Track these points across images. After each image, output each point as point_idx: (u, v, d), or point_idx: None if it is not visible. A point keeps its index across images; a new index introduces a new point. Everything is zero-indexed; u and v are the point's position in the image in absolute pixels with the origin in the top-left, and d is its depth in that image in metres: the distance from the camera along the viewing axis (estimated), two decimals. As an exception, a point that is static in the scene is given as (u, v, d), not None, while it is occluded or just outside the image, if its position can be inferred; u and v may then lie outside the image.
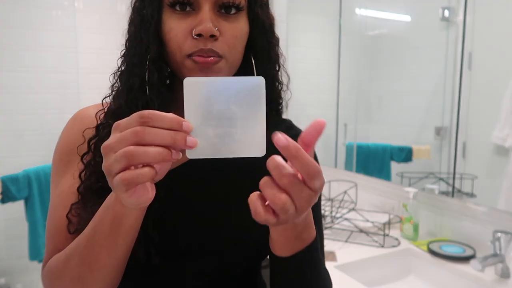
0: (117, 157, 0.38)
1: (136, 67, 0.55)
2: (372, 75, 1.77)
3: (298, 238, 0.48)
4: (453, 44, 1.31)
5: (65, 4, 2.22)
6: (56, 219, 0.58)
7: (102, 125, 0.57)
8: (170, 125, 0.38)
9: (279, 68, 0.64)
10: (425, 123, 1.51)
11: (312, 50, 2.16)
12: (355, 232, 1.43)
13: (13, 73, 2.16)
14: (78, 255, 0.51)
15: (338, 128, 1.91)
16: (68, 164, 0.59)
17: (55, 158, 0.61)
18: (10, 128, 2.15)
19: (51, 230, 0.59)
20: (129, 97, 0.55)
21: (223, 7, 0.54)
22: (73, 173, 0.58)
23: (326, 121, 0.38)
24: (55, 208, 0.59)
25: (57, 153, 0.61)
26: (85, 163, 0.56)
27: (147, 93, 0.54)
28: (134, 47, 0.57)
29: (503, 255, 1.06)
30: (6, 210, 2.18)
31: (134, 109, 0.51)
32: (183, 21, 0.53)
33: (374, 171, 1.71)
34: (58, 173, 0.60)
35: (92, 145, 0.56)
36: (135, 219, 0.47)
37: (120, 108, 0.56)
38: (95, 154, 0.56)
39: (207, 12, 0.52)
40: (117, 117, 0.53)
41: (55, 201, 0.59)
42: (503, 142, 1.19)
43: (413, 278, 1.29)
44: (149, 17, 0.54)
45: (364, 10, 1.76)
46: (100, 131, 0.56)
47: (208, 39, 0.52)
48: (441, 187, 1.40)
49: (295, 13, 2.18)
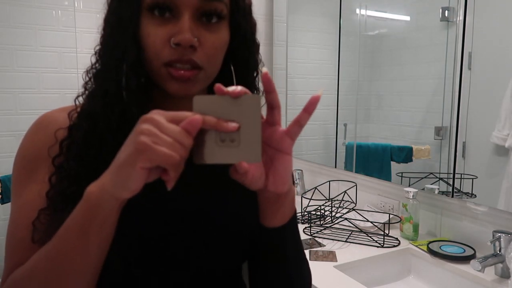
0: (165, 137, 0.39)
1: (112, 71, 0.53)
2: (372, 75, 1.77)
3: (287, 208, 0.55)
4: (453, 44, 1.31)
5: (65, 4, 2.22)
6: (21, 230, 0.53)
7: (75, 127, 0.54)
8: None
9: (257, 74, 0.63)
10: (425, 123, 1.51)
11: (312, 50, 2.15)
12: (355, 232, 1.43)
13: (13, 73, 2.16)
14: (46, 258, 0.47)
15: (338, 128, 1.91)
16: (34, 171, 0.55)
17: (17, 166, 0.57)
18: (10, 128, 2.15)
19: (13, 243, 0.54)
20: (104, 101, 0.53)
21: (204, 15, 0.52)
22: (41, 179, 0.54)
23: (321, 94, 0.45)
24: (18, 219, 0.54)
25: (20, 161, 0.56)
26: (56, 165, 0.53)
27: (123, 99, 0.52)
28: (110, 49, 0.54)
29: (503, 255, 1.06)
30: (6, 210, 2.18)
31: (110, 114, 0.52)
32: (162, 28, 0.51)
33: (374, 171, 1.71)
34: (21, 182, 0.55)
35: (65, 147, 0.53)
36: (110, 212, 0.44)
37: (95, 112, 0.53)
38: (67, 157, 0.53)
39: (187, 20, 0.50)
40: (91, 120, 0.52)
41: (18, 212, 0.54)
42: (503, 142, 1.19)
43: (413, 278, 1.29)
44: (127, 20, 0.52)
45: (364, 10, 1.76)
46: (74, 133, 0.53)
47: (187, 49, 0.50)
48: (441, 187, 1.40)
49: (295, 13, 2.18)
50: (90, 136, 0.52)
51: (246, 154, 0.43)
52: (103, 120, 0.52)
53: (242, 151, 0.43)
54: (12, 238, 0.54)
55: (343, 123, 1.89)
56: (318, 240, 1.38)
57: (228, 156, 0.43)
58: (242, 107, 0.43)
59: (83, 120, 0.54)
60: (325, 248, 1.32)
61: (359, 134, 1.80)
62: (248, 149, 0.43)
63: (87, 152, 0.52)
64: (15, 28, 2.14)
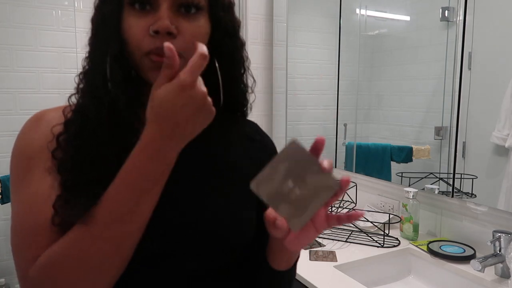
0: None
1: (98, 66, 0.56)
2: (372, 75, 1.77)
3: (295, 256, 0.63)
4: (453, 44, 1.31)
5: (65, 4, 2.22)
6: (35, 217, 0.53)
7: (70, 122, 0.57)
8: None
9: (244, 71, 0.65)
10: (425, 123, 1.51)
11: (312, 50, 2.15)
12: (355, 232, 1.43)
13: (13, 73, 2.16)
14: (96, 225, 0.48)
15: (338, 128, 1.91)
16: (36, 165, 0.56)
17: (18, 161, 0.58)
18: (10, 128, 2.15)
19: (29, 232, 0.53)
20: (93, 95, 0.56)
21: (182, 6, 0.54)
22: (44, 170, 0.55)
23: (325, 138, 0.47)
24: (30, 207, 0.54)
25: (19, 156, 0.58)
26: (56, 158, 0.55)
27: (110, 91, 0.55)
28: (96, 46, 0.57)
29: (503, 255, 1.06)
30: (6, 210, 2.18)
31: (99, 107, 0.55)
32: (142, 19, 0.53)
33: (374, 171, 1.71)
34: (25, 175, 0.56)
35: (62, 141, 0.56)
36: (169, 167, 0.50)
37: (85, 106, 0.57)
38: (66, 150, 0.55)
39: (165, 10, 0.53)
40: (83, 114, 0.56)
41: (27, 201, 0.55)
42: (503, 142, 1.19)
43: (413, 278, 1.29)
44: (109, 15, 0.55)
45: (364, 10, 1.76)
46: (69, 128, 0.57)
47: (165, 36, 0.52)
48: (441, 187, 1.40)
49: (295, 13, 2.18)
50: (84, 129, 0.56)
51: (292, 217, 0.47)
52: (94, 113, 0.55)
53: (292, 213, 0.47)
54: (26, 227, 0.53)
55: (343, 123, 1.89)
56: (318, 240, 1.38)
57: (280, 205, 0.47)
58: (320, 183, 0.46)
59: (76, 115, 0.57)
60: (325, 248, 1.32)
61: (359, 134, 1.80)
62: (297, 216, 0.47)
63: (82, 143, 0.55)
64: (15, 28, 2.14)
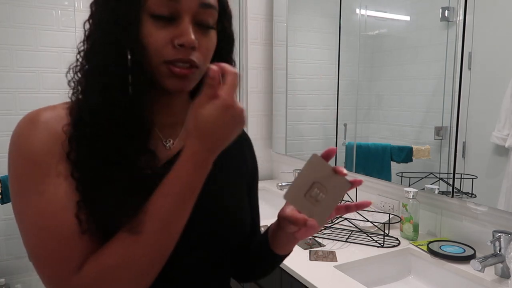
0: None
1: (111, 66, 0.54)
2: (372, 75, 1.77)
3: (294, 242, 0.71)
4: (453, 44, 1.31)
5: (65, 4, 2.22)
6: (61, 227, 0.51)
7: (81, 122, 0.55)
8: None
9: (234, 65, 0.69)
10: (425, 123, 1.50)
11: (312, 50, 2.15)
12: (355, 232, 1.43)
13: (13, 73, 2.16)
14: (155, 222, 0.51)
15: (338, 128, 1.91)
16: (47, 169, 0.53)
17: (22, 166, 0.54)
18: (10, 128, 2.14)
19: (59, 242, 0.51)
20: (105, 95, 0.54)
21: (199, 24, 0.57)
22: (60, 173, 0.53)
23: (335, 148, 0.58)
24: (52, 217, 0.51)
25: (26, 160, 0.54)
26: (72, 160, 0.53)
27: (127, 94, 0.54)
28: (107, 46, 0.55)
29: (503, 255, 1.06)
30: (6, 210, 2.18)
31: (114, 109, 0.54)
32: (163, 29, 0.55)
33: (374, 171, 1.71)
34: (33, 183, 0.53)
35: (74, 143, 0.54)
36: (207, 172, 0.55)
37: (98, 106, 0.54)
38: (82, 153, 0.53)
39: (188, 23, 0.55)
40: (95, 115, 0.54)
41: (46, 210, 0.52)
42: (503, 142, 1.19)
43: (413, 278, 1.29)
44: (127, 19, 0.54)
45: (364, 10, 1.76)
46: (81, 129, 0.54)
47: (189, 50, 0.55)
48: (441, 187, 1.40)
49: (295, 13, 2.18)
50: (96, 129, 0.54)
51: (317, 216, 0.57)
52: (108, 113, 0.55)
53: (316, 212, 0.57)
54: (54, 241, 0.51)
55: (343, 123, 1.89)
56: (318, 240, 1.38)
57: (311, 210, 0.57)
58: (337, 184, 0.57)
59: (86, 116, 0.55)
60: (325, 248, 1.32)
61: (359, 134, 1.80)
62: (321, 214, 0.57)
63: (96, 144, 0.54)
64: (15, 28, 2.14)
